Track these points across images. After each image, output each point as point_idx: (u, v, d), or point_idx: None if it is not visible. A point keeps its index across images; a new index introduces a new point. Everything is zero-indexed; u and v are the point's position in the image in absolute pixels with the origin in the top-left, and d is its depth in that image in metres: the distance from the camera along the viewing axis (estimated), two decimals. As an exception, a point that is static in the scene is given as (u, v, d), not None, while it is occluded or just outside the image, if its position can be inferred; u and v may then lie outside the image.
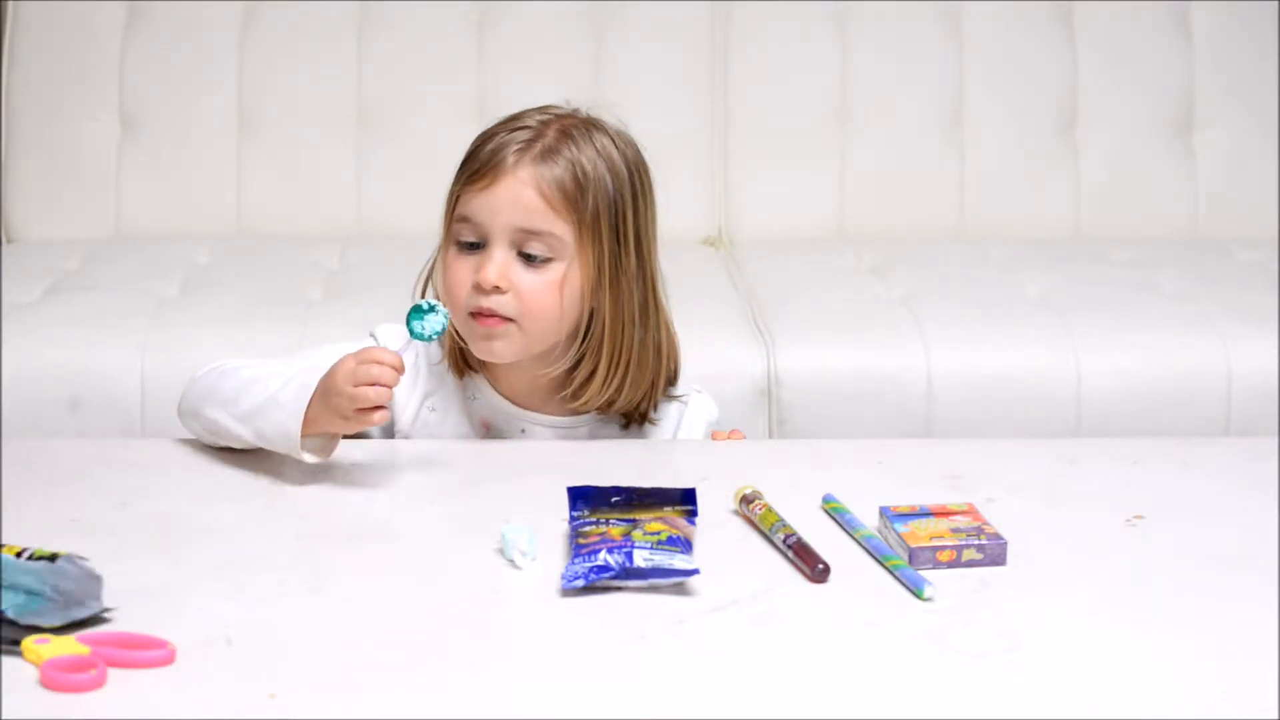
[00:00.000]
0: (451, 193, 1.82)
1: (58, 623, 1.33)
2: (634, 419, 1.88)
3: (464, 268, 1.79)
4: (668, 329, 1.87)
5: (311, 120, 2.95)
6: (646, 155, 1.85)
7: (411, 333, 1.73)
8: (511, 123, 1.82)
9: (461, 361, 1.85)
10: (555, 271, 1.78)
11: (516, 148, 1.78)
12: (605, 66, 2.96)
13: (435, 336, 1.73)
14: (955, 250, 2.88)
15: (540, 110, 1.84)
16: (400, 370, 1.69)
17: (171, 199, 2.92)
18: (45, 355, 2.37)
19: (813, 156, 2.99)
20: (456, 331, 1.80)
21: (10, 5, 2.94)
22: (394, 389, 1.69)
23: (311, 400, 1.69)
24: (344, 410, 1.68)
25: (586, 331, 1.82)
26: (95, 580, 1.37)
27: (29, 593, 1.34)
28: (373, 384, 1.67)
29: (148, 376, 2.35)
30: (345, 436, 1.77)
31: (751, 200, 2.99)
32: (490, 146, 1.80)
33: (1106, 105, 3.03)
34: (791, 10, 3.01)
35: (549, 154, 1.78)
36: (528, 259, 1.78)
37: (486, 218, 1.78)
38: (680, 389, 1.92)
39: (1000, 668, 1.35)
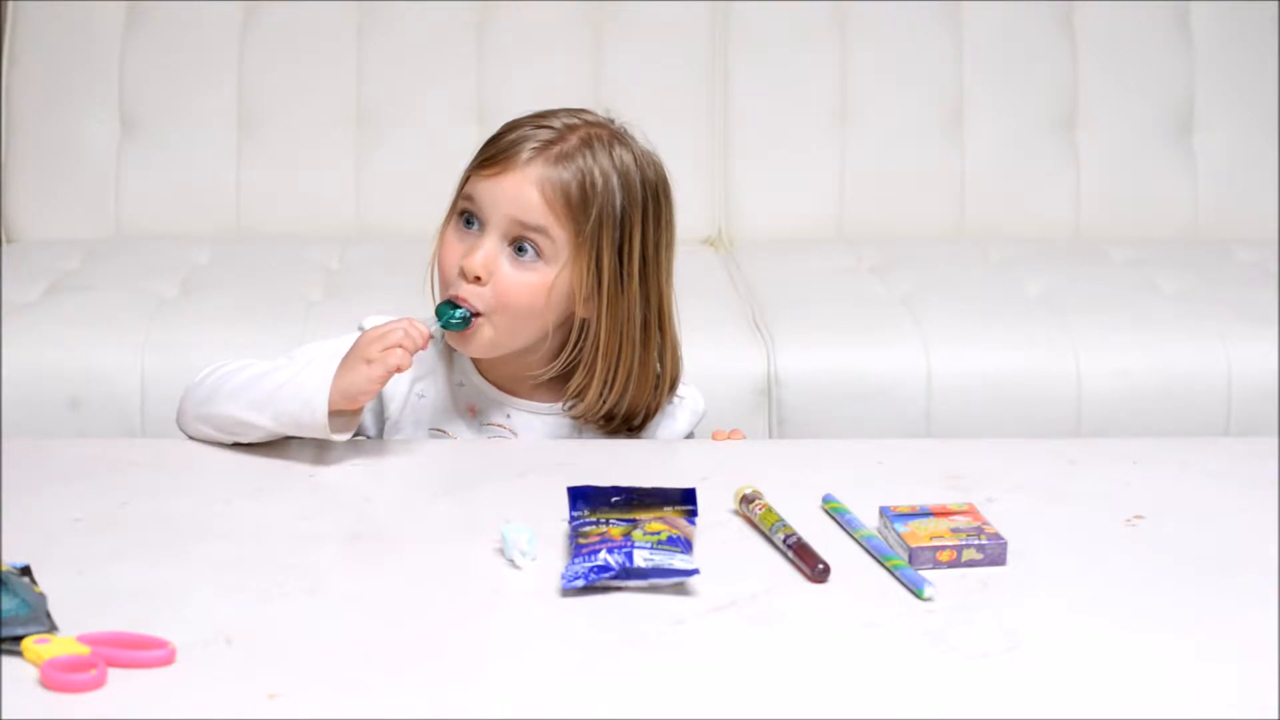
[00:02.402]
0: (466, 170, 1.84)
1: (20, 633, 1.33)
2: (621, 428, 1.88)
3: (457, 246, 1.81)
4: (674, 351, 1.87)
5: (311, 120, 2.95)
6: (663, 166, 1.85)
7: (439, 317, 1.79)
8: (539, 119, 1.83)
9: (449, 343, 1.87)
10: (542, 273, 1.79)
11: (534, 145, 1.79)
12: (605, 66, 2.96)
13: (464, 326, 1.79)
14: (955, 250, 2.88)
15: (572, 113, 1.84)
16: (426, 341, 1.75)
17: (171, 199, 2.92)
18: (45, 355, 2.37)
19: (813, 156, 2.99)
20: None
21: (10, 5, 2.94)
22: (413, 352, 1.74)
23: (340, 367, 1.72)
24: (370, 353, 1.72)
25: (578, 340, 1.82)
26: (40, 599, 1.37)
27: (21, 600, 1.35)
28: (403, 331, 1.73)
29: (148, 376, 2.36)
30: (340, 431, 1.78)
31: (751, 200, 2.99)
32: (511, 137, 1.81)
33: (1106, 105, 3.03)
34: (791, 10, 3.01)
35: (563, 159, 1.79)
36: (518, 252, 1.79)
37: (487, 205, 1.79)
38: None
39: (1000, 668, 1.35)
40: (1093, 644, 1.39)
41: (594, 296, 1.80)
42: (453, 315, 1.78)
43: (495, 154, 1.80)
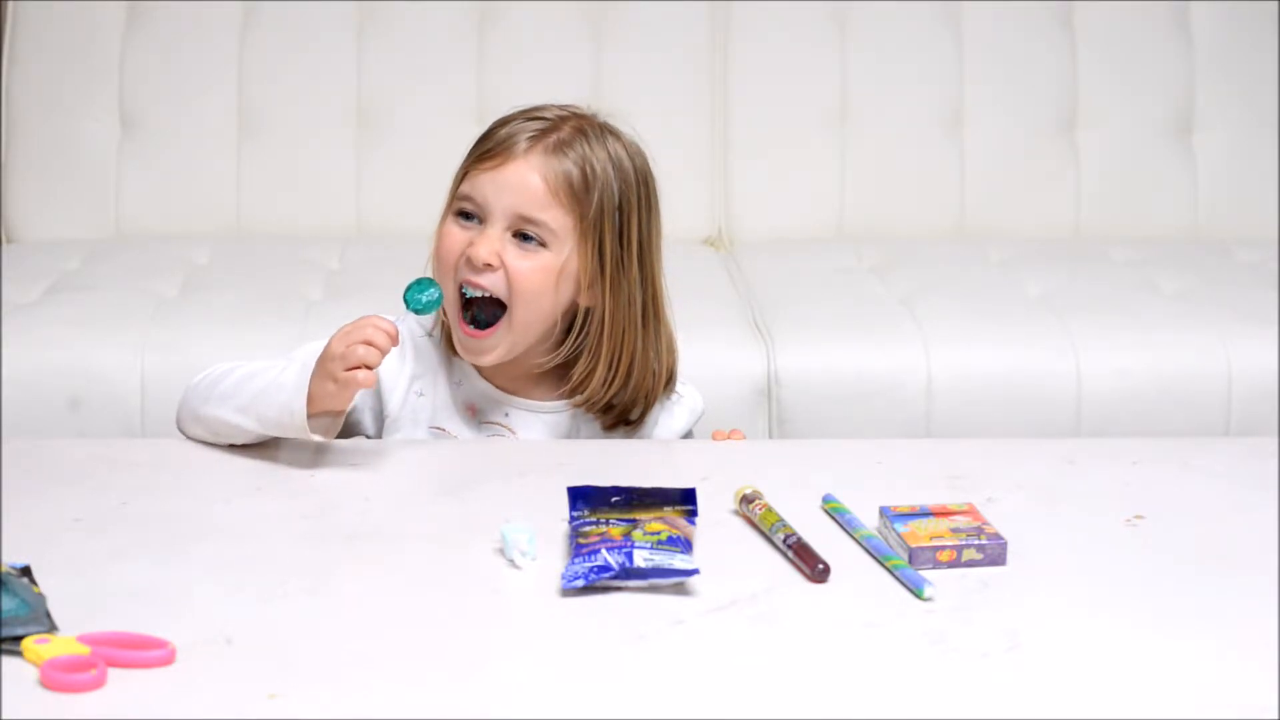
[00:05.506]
0: (460, 169, 1.84)
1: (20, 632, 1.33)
2: (620, 422, 1.89)
3: (458, 237, 1.82)
4: (669, 341, 1.88)
5: (311, 120, 2.95)
6: (647, 155, 1.86)
7: (408, 304, 1.78)
8: (530, 112, 1.85)
9: (448, 342, 1.86)
10: (548, 258, 1.80)
11: (530, 135, 1.81)
12: (605, 66, 2.96)
13: (430, 310, 1.78)
14: (955, 250, 2.88)
15: (561, 106, 1.87)
16: (394, 338, 1.73)
17: (171, 199, 2.92)
18: (45, 355, 2.37)
19: (813, 156, 2.99)
20: (445, 312, 1.84)
21: (10, 5, 2.94)
22: (384, 360, 1.73)
23: (312, 377, 1.71)
24: (335, 372, 1.71)
25: (582, 328, 1.83)
26: (40, 599, 1.37)
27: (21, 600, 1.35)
28: (366, 344, 1.71)
29: (148, 376, 2.36)
30: (339, 435, 1.79)
31: (751, 200, 2.99)
32: (505, 130, 1.83)
33: (1106, 105, 3.03)
34: (791, 10, 3.01)
35: (561, 147, 1.81)
36: (523, 240, 1.79)
37: (490, 196, 1.80)
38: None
39: (1000, 668, 1.35)
40: (1093, 644, 1.39)
41: (597, 283, 1.82)
42: (421, 299, 1.77)
43: (492, 147, 1.82)
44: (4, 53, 2.94)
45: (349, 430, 1.85)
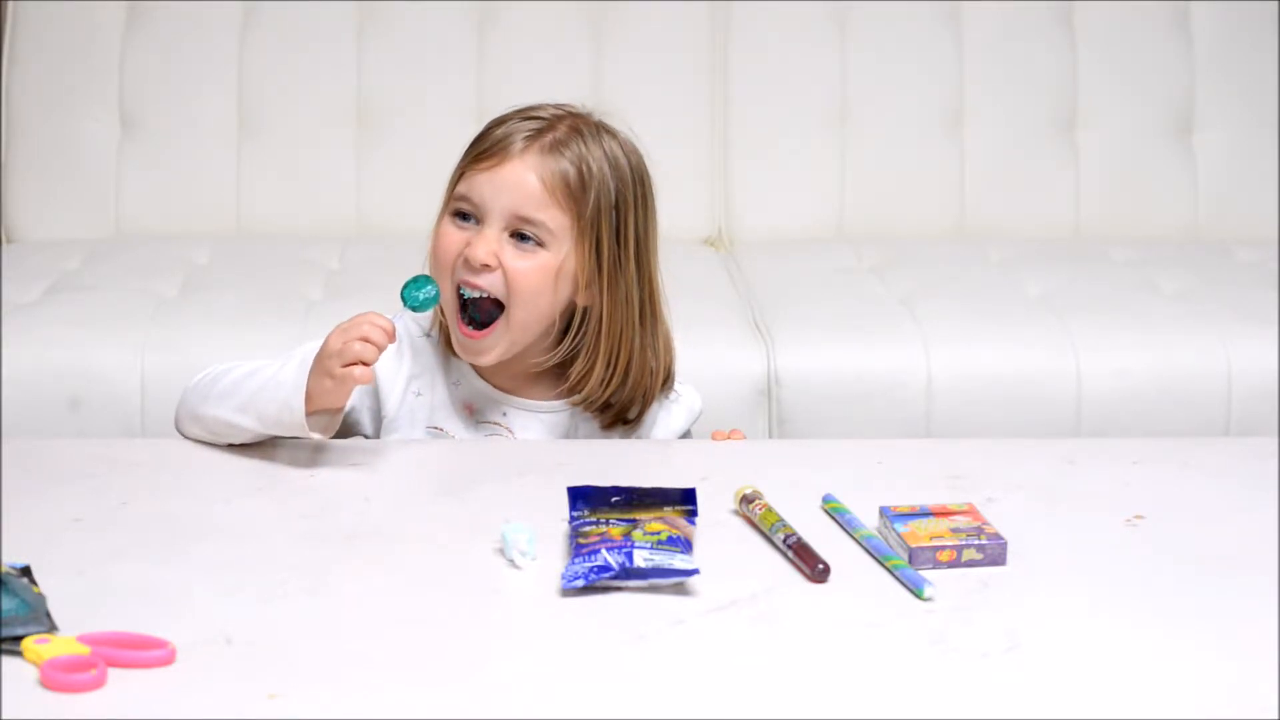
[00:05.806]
0: (456, 169, 1.84)
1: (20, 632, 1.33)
2: (618, 420, 1.89)
3: (456, 237, 1.82)
4: (666, 339, 1.88)
5: (311, 120, 2.95)
6: (646, 155, 1.87)
7: (405, 302, 1.77)
8: (525, 111, 1.85)
9: (447, 342, 1.87)
10: (546, 258, 1.80)
11: (526, 135, 1.81)
12: (605, 66, 2.96)
13: (428, 307, 1.78)
14: (955, 250, 2.88)
15: (556, 105, 1.87)
16: (391, 335, 1.73)
17: (171, 199, 2.92)
18: (45, 355, 2.37)
19: (813, 156, 2.99)
20: (444, 312, 1.84)
21: (10, 5, 2.94)
22: (381, 359, 1.73)
23: (310, 374, 1.71)
24: (332, 368, 1.71)
25: (580, 327, 1.83)
26: (40, 599, 1.37)
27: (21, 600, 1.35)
28: (363, 340, 1.71)
29: (148, 376, 2.36)
30: (337, 436, 1.79)
31: (751, 200, 2.99)
32: (501, 130, 1.83)
33: (1106, 105, 3.03)
34: (791, 10, 3.01)
35: (557, 146, 1.81)
36: (520, 240, 1.80)
37: (487, 197, 1.80)
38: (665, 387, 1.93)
39: (1000, 668, 1.35)
40: (1093, 644, 1.39)
41: (595, 282, 1.82)
42: (418, 296, 1.77)
43: (488, 147, 1.82)
44: (4, 53, 2.94)
45: (347, 431, 1.85)
